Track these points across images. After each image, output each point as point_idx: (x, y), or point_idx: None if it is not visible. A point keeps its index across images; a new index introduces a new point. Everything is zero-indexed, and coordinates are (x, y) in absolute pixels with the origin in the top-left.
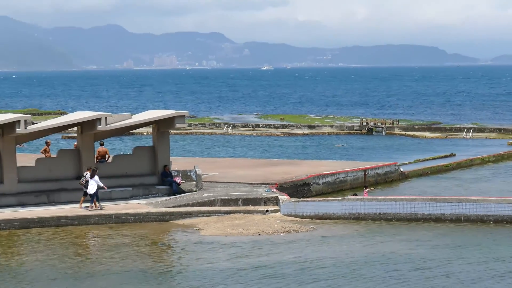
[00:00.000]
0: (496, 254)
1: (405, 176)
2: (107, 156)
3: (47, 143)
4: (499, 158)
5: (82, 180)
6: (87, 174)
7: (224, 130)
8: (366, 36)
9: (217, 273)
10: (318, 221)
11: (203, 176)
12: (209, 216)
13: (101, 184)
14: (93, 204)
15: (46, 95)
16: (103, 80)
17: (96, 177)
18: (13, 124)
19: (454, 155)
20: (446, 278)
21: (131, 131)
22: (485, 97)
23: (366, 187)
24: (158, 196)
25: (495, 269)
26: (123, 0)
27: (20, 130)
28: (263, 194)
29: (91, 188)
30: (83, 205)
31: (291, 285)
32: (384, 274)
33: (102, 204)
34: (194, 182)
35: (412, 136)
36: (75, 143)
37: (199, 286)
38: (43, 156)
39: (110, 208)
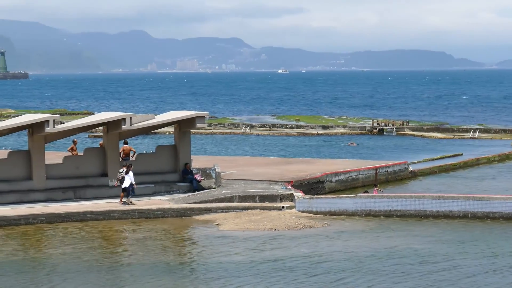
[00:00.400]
0: (502, 249)
1: (414, 175)
2: (131, 153)
3: (74, 142)
4: (504, 158)
5: (119, 176)
6: (124, 170)
7: (242, 130)
8: (377, 41)
9: (235, 266)
10: (332, 217)
11: (222, 173)
12: (227, 212)
13: (133, 182)
14: (130, 198)
15: (73, 97)
16: (129, 82)
17: (131, 173)
18: (42, 124)
19: (461, 154)
20: (452, 272)
21: (154, 131)
22: (490, 99)
23: (376, 186)
24: (179, 193)
25: (500, 264)
26: (147, 7)
27: (49, 129)
28: (279, 191)
29: (125, 183)
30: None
31: (305, 278)
32: (393, 267)
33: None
34: (213, 180)
35: (421, 136)
36: (101, 141)
37: (217, 278)
38: (70, 154)
39: (134, 204)
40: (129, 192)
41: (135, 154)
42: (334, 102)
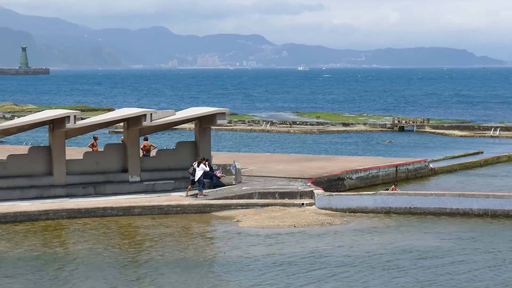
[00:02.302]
0: None
1: (434, 172)
2: (151, 149)
3: (95, 138)
4: None
5: (190, 169)
6: (195, 164)
7: (262, 127)
8: (398, 39)
9: (254, 263)
10: (351, 214)
11: (242, 170)
12: (247, 208)
13: (207, 168)
14: (202, 191)
15: (95, 92)
16: (152, 78)
17: (202, 165)
18: (63, 119)
19: (482, 152)
20: (471, 271)
21: (175, 127)
22: (509, 98)
23: (395, 183)
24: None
25: None
26: (168, 3)
27: (69, 125)
28: (299, 188)
29: (196, 176)
30: (190, 193)
31: (325, 275)
32: (411, 265)
33: (148, 196)
34: (233, 176)
35: (441, 134)
36: (122, 137)
37: (237, 275)
38: (90, 150)
39: (153, 200)
40: (201, 184)
41: (155, 149)
42: (356, 99)
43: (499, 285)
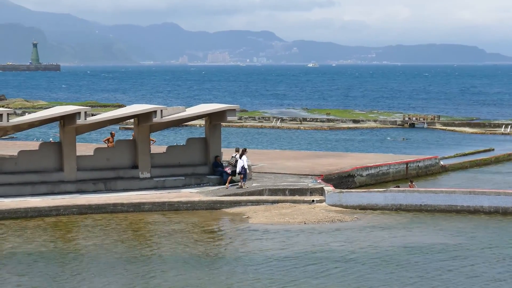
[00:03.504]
0: None
1: (445, 169)
2: (151, 143)
3: (112, 134)
4: None
5: (232, 160)
6: (236, 155)
7: (273, 124)
8: (409, 35)
9: (264, 259)
10: (362, 211)
11: (252, 167)
12: (257, 205)
13: (246, 165)
14: (242, 183)
15: (106, 89)
16: (161, 75)
17: (244, 157)
18: (73, 116)
19: (493, 149)
20: (487, 265)
21: (185, 123)
22: None
23: (411, 181)
24: (209, 185)
25: None
26: None
27: (80, 121)
28: (309, 184)
29: (238, 167)
30: (229, 184)
31: (334, 271)
32: (422, 262)
33: (158, 192)
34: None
35: (452, 131)
36: (133, 133)
37: (247, 271)
38: (104, 145)
39: (163, 196)
40: (245, 176)
41: (154, 143)
42: (367, 96)
43: (501, 281)
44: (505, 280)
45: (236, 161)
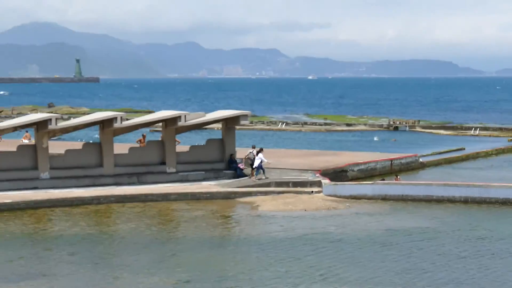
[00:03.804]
0: (497, 231)
1: (423, 166)
2: (176, 144)
3: (143, 136)
4: (500, 152)
5: (250, 155)
6: (253, 151)
7: (279, 127)
8: (394, 52)
9: (272, 240)
10: (353, 200)
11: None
12: (265, 195)
13: (266, 160)
14: (254, 177)
15: (138, 97)
16: (184, 86)
17: (261, 154)
18: (111, 120)
19: (464, 149)
20: (456, 245)
21: (205, 127)
22: (488, 102)
23: (397, 176)
24: (225, 179)
25: (492, 242)
26: (198, 22)
27: (117, 124)
28: (309, 178)
29: (256, 163)
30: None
31: (331, 250)
32: (404, 242)
33: (182, 185)
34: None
35: (429, 133)
36: (162, 135)
37: (257, 251)
38: (137, 145)
39: (186, 187)
40: (258, 170)
41: (178, 143)
42: (358, 103)
43: (466, 258)
44: (469, 257)
45: (254, 157)
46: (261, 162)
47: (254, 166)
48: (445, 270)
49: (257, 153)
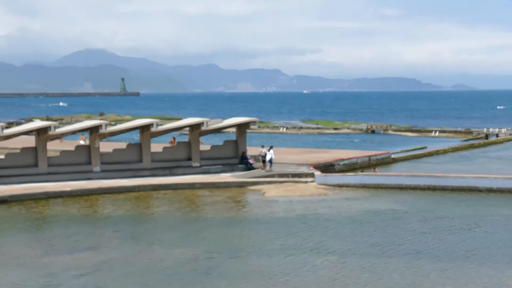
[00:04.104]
0: (451, 212)
1: (395, 161)
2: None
3: (174, 138)
4: (455, 150)
5: (262, 153)
6: (263, 149)
7: (280, 130)
8: (371, 71)
9: (275, 220)
10: (340, 188)
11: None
12: (270, 184)
13: (273, 157)
14: (268, 168)
15: (169, 107)
16: (206, 98)
17: (271, 151)
18: (149, 126)
19: (426, 147)
20: (418, 223)
21: (222, 130)
22: (445, 110)
23: (375, 169)
24: (238, 171)
25: (447, 221)
26: (217, 47)
27: (153, 129)
28: (304, 170)
29: (268, 157)
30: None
31: (321, 227)
32: (378, 221)
33: (205, 176)
34: (261, 163)
35: (399, 135)
36: (188, 137)
37: (264, 228)
38: (169, 145)
39: (208, 178)
40: (270, 163)
41: (202, 143)
42: (341, 111)
43: (426, 233)
44: (430, 233)
45: (265, 153)
46: (271, 157)
47: (266, 160)
48: (408, 243)
49: (269, 149)
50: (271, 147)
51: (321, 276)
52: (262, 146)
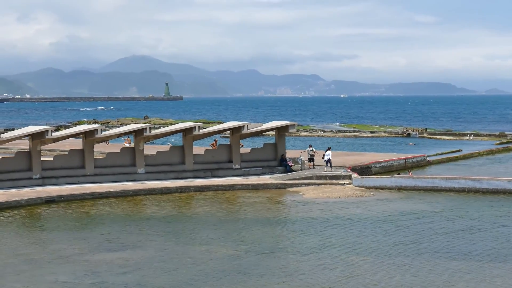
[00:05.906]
0: (483, 212)
1: (430, 163)
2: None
3: (215, 140)
4: (489, 153)
5: (311, 151)
6: (311, 149)
7: (318, 134)
8: (405, 76)
9: (313, 220)
10: (376, 190)
11: (304, 161)
12: (308, 186)
13: (330, 157)
14: (328, 168)
15: (211, 111)
16: (246, 103)
17: (329, 151)
18: (191, 129)
19: (461, 150)
20: (452, 223)
21: (262, 133)
22: (479, 115)
23: (409, 171)
24: (278, 173)
25: (483, 222)
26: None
27: (196, 132)
28: (342, 173)
29: (325, 157)
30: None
31: (359, 227)
32: (414, 222)
33: (245, 178)
34: (299, 165)
35: (434, 138)
36: (229, 140)
37: (302, 229)
38: (210, 148)
39: (248, 180)
40: (327, 163)
41: (242, 146)
42: (379, 115)
43: (458, 231)
44: (450, 233)
45: (313, 154)
46: (329, 158)
47: (325, 160)
48: (437, 242)
49: (326, 150)
50: (328, 148)
51: (356, 276)
52: (310, 146)
